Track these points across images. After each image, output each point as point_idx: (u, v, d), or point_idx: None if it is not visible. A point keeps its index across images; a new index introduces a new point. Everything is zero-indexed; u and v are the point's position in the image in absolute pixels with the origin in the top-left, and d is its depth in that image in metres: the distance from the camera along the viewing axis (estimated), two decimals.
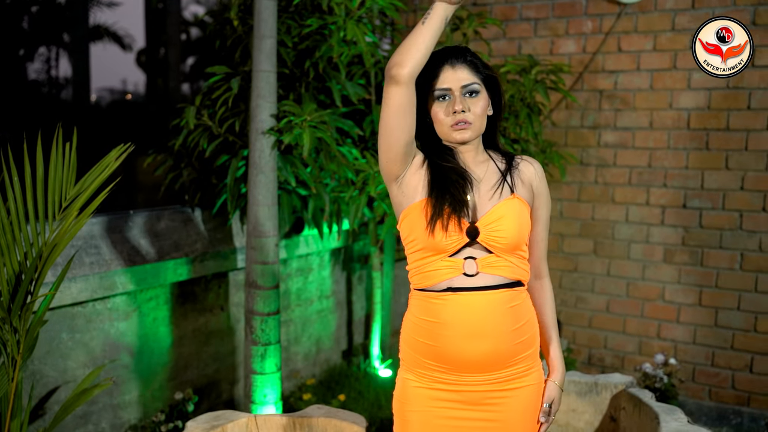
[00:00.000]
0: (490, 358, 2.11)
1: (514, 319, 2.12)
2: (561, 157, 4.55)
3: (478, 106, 2.13)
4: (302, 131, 3.49)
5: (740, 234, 4.62)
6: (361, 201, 3.92)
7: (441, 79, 2.12)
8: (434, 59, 2.13)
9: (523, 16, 5.24)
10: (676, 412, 2.93)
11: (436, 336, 2.12)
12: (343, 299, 5.11)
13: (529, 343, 2.18)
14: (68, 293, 3.32)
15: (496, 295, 2.10)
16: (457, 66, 2.12)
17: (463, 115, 2.10)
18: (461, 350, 2.10)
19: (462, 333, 2.09)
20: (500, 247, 2.10)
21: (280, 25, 3.82)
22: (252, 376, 3.70)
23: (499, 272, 2.11)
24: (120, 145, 2.82)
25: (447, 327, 2.10)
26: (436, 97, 2.13)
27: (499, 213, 2.11)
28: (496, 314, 2.10)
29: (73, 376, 3.44)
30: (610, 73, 4.98)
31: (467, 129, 2.12)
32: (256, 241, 3.63)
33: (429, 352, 2.14)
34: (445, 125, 2.13)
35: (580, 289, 5.18)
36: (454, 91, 2.11)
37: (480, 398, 2.14)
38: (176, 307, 3.95)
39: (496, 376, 2.14)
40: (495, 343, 2.10)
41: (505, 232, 2.09)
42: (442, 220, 2.08)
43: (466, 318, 2.10)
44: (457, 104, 2.10)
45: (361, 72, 4.34)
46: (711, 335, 4.76)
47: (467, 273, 2.10)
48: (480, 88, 2.13)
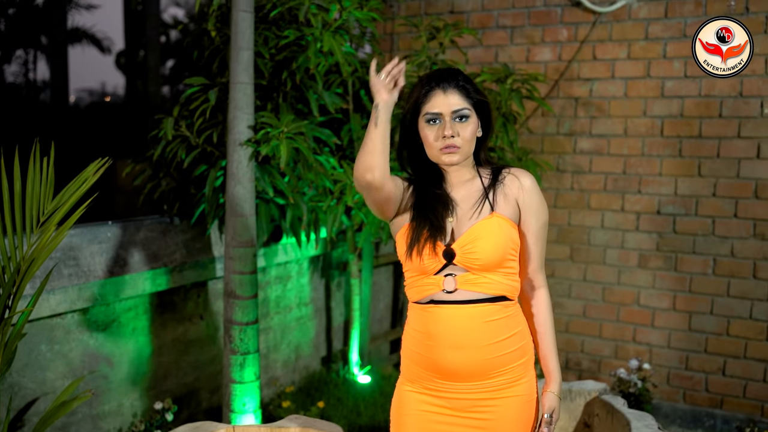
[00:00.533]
0: (472, 367, 2.19)
1: (495, 332, 2.18)
2: (537, 165, 4.60)
3: (468, 131, 2.18)
4: (279, 143, 3.52)
5: (713, 240, 4.70)
6: (338, 210, 3.96)
7: (432, 103, 2.17)
8: (427, 82, 2.20)
9: (499, 24, 5.29)
10: (647, 419, 2.99)
11: (425, 346, 2.23)
12: (322, 306, 5.15)
13: (516, 355, 2.24)
14: (47, 305, 3.33)
15: (474, 310, 2.18)
16: (449, 91, 2.17)
17: (452, 140, 2.16)
18: (445, 359, 2.20)
19: (444, 344, 2.19)
20: (476, 267, 2.17)
21: (257, 37, 3.84)
22: (231, 385, 3.73)
23: (478, 289, 2.18)
24: (98, 159, 2.84)
25: (431, 337, 2.21)
26: (427, 120, 2.18)
27: (475, 234, 2.17)
28: (475, 327, 2.17)
29: (52, 388, 3.45)
30: (585, 81, 5.04)
31: (455, 153, 2.17)
32: (235, 251, 3.65)
33: (421, 361, 2.25)
34: (434, 148, 2.19)
35: (557, 294, 5.24)
36: (445, 115, 2.16)
37: (468, 405, 2.23)
38: (155, 317, 3.96)
39: (483, 384, 2.21)
40: (475, 354, 2.18)
41: (480, 253, 2.15)
42: (418, 245, 2.18)
43: (446, 330, 2.19)
44: (447, 129, 2.15)
45: (338, 81, 4.38)
46: (685, 339, 4.84)
47: (446, 290, 2.18)
48: (470, 113, 2.18)
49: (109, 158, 2.84)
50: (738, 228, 4.63)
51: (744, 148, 4.58)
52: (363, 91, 4.61)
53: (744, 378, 4.68)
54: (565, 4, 5.06)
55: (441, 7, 5.45)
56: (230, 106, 3.58)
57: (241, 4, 3.50)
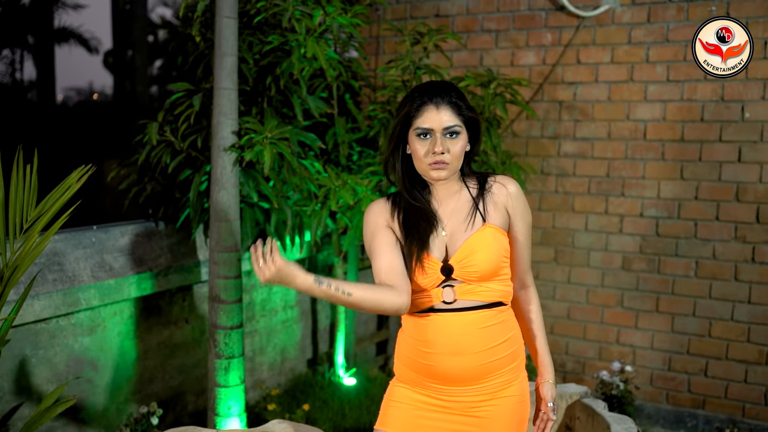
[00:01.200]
0: (469, 373, 2.24)
1: (490, 337, 2.24)
2: (520, 168, 4.64)
3: (457, 147, 2.20)
4: (263, 148, 3.54)
5: (695, 242, 4.75)
6: (322, 214, 3.98)
7: (424, 118, 2.19)
8: (420, 94, 2.22)
9: (484, 27, 5.32)
10: (627, 422, 3.03)
11: (423, 353, 2.27)
12: (308, 309, 5.17)
13: (510, 358, 2.30)
14: (31, 311, 3.34)
15: (470, 317, 2.23)
16: (441, 107, 2.19)
17: (442, 157, 2.18)
18: (444, 365, 2.25)
19: (443, 350, 2.24)
20: (474, 279, 2.22)
21: (242, 42, 3.86)
22: (216, 389, 3.75)
23: (476, 297, 2.24)
24: (81, 166, 2.86)
25: (430, 345, 2.25)
26: (417, 134, 2.20)
27: (471, 247, 2.22)
28: (472, 334, 2.23)
29: (36, 393, 3.46)
30: (569, 85, 5.08)
31: (444, 169, 2.20)
32: (219, 256, 3.67)
33: (417, 367, 2.30)
34: (424, 163, 2.21)
35: (542, 296, 5.27)
36: (436, 131, 2.18)
37: (465, 407, 2.29)
38: (141, 321, 3.98)
39: (480, 386, 2.27)
40: (471, 359, 2.23)
41: (478, 266, 2.21)
42: (412, 267, 2.23)
43: (445, 337, 2.24)
44: (437, 146, 2.17)
45: (323, 85, 4.40)
46: (668, 340, 4.89)
47: (445, 300, 2.23)
48: (461, 129, 2.21)
49: (92, 165, 2.85)
50: (720, 231, 4.68)
51: (725, 151, 4.63)
52: (348, 95, 4.64)
53: (725, 379, 4.73)
54: (549, 9, 5.09)
55: (426, 10, 5.48)
56: (214, 111, 3.60)
57: (224, 10, 3.51)
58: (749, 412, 4.67)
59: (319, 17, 3.86)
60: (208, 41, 3.99)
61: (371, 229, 2.29)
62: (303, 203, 4.15)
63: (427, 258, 2.22)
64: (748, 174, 4.57)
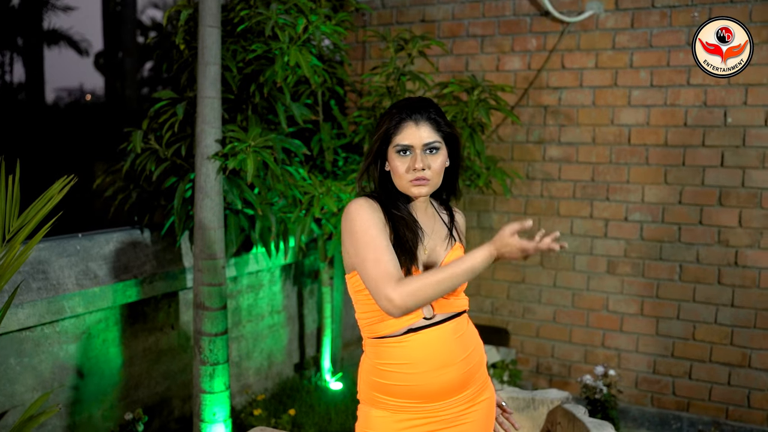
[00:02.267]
0: (456, 383, 2.25)
1: (466, 344, 2.28)
2: (505, 173, 4.66)
3: (437, 163, 2.21)
4: (246, 156, 3.56)
5: (679, 246, 4.78)
6: (306, 221, 4.00)
7: (403, 135, 2.19)
8: (398, 111, 2.22)
9: (470, 33, 5.35)
10: (606, 427, 3.05)
11: (407, 375, 2.20)
12: (295, 313, 5.19)
13: (481, 363, 2.36)
14: (15, 319, 3.36)
15: (448, 327, 2.25)
16: (420, 123, 2.19)
17: (422, 173, 2.18)
18: (431, 383, 2.22)
19: (429, 367, 2.21)
20: (452, 294, 2.26)
21: (225, 51, 3.88)
22: (201, 395, 3.76)
23: (449, 309, 2.27)
24: (63, 177, 2.87)
25: (415, 365, 2.20)
26: (397, 150, 2.20)
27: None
28: (452, 343, 2.25)
29: (21, 400, 3.47)
30: (554, 90, 5.11)
31: (425, 185, 2.20)
32: (204, 264, 3.69)
33: (397, 392, 2.22)
34: (404, 180, 2.20)
35: (528, 300, 5.31)
36: (416, 148, 2.18)
37: (453, 417, 2.29)
38: (126, 328, 3.99)
39: (463, 395, 2.29)
40: (457, 369, 2.24)
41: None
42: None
43: (430, 353, 2.21)
44: (417, 162, 2.17)
45: (308, 92, 4.42)
46: (652, 344, 4.92)
47: (426, 316, 2.22)
48: (440, 145, 2.21)
49: (75, 175, 2.86)
50: (703, 235, 4.71)
51: (708, 156, 4.66)
52: (333, 101, 4.66)
53: (709, 381, 4.76)
54: (534, 14, 5.12)
55: (412, 16, 5.50)
56: (198, 120, 3.62)
57: (207, 19, 3.53)
58: (733, 414, 4.71)
59: (302, 26, 3.88)
60: (192, 49, 4.01)
61: (375, 222, 2.17)
62: (288, 210, 4.17)
63: (415, 272, 2.20)
64: (731, 178, 4.60)
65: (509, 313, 5.38)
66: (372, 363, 2.27)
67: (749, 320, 4.62)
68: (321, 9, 4.02)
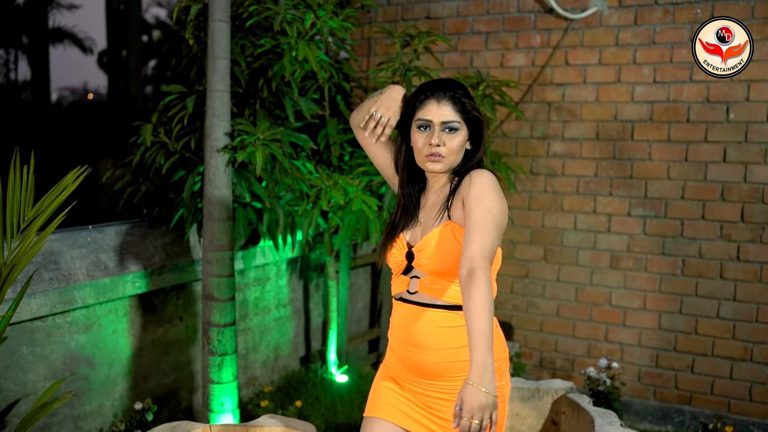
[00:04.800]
0: (425, 367, 2.32)
1: (448, 338, 2.28)
2: (509, 168, 4.71)
3: (455, 142, 2.26)
4: (255, 149, 3.61)
5: (681, 241, 4.83)
6: (313, 214, 4.05)
7: (424, 111, 2.28)
8: (424, 89, 2.31)
9: (474, 29, 5.39)
10: (610, 416, 3.10)
11: (392, 337, 2.42)
12: (301, 307, 5.24)
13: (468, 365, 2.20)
14: (28, 309, 3.41)
15: (429, 313, 2.30)
16: (442, 102, 2.27)
17: (437, 149, 2.25)
18: (403, 353, 2.37)
19: (402, 339, 2.36)
20: (429, 271, 2.30)
21: (234, 45, 3.93)
22: (209, 385, 3.81)
23: (436, 294, 2.30)
24: (78, 167, 2.92)
25: (395, 329, 2.40)
26: (418, 126, 2.29)
27: (427, 242, 2.30)
28: (428, 330, 2.30)
29: (33, 389, 3.53)
30: (558, 86, 5.15)
31: (439, 162, 2.27)
32: (212, 255, 3.74)
33: (392, 350, 2.44)
34: (421, 154, 2.30)
35: (531, 294, 5.36)
36: (435, 124, 2.26)
37: (424, 401, 2.36)
38: (135, 319, 4.04)
39: (438, 385, 2.33)
40: (430, 355, 2.30)
41: (429, 260, 2.29)
42: (385, 244, 2.39)
43: (404, 326, 2.35)
44: (434, 138, 2.25)
45: (315, 87, 4.47)
46: (655, 338, 4.96)
47: (409, 290, 2.34)
48: (460, 126, 2.27)
49: (88, 166, 2.91)
50: (705, 230, 4.76)
51: (711, 152, 4.71)
52: (339, 96, 4.70)
53: (711, 375, 4.81)
54: (538, 11, 5.17)
55: (417, 12, 5.55)
56: (207, 113, 3.66)
57: (217, 14, 3.58)
58: (734, 407, 4.75)
59: (310, 21, 3.93)
60: (202, 44, 4.05)
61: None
62: (295, 203, 4.22)
63: (397, 241, 2.37)
64: (733, 174, 4.65)
65: (513, 307, 5.43)
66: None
67: (751, 314, 4.66)
68: (328, 5, 4.07)
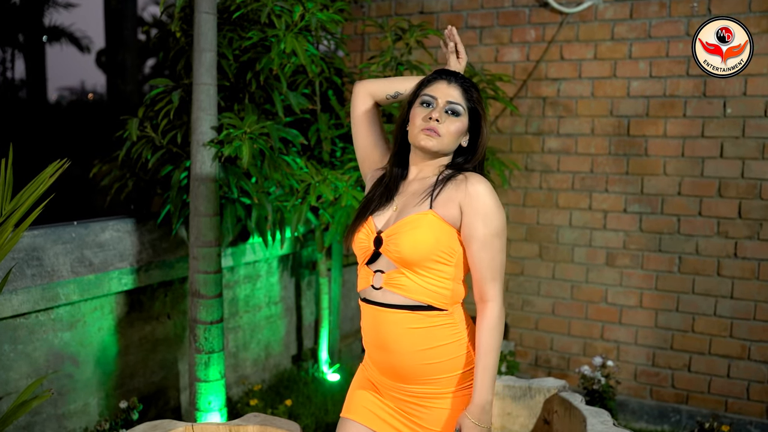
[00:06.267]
0: (397, 371, 2.24)
1: (417, 340, 2.18)
2: (503, 164, 4.64)
3: (454, 126, 2.20)
4: (242, 143, 3.54)
5: (678, 238, 4.76)
6: (302, 210, 3.98)
7: (432, 88, 2.24)
8: (435, 73, 2.29)
9: (468, 24, 5.33)
10: (603, 415, 3.03)
11: (364, 340, 2.35)
12: (292, 305, 5.17)
13: (442, 368, 2.21)
14: (9, 305, 3.34)
15: (396, 315, 2.18)
16: (452, 84, 2.23)
17: (436, 124, 2.18)
18: (374, 356, 2.30)
19: (371, 342, 2.28)
20: (399, 260, 2.16)
21: (222, 38, 3.87)
22: (196, 383, 3.75)
23: (401, 291, 2.17)
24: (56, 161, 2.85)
25: (364, 332, 2.33)
26: (421, 102, 2.23)
27: (402, 226, 2.17)
28: (395, 332, 2.19)
29: (15, 388, 3.46)
30: (553, 81, 5.09)
31: (433, 138, 2.19)
32: (199, 251, 3.67)
33: (366, 352, 2.38)
34: (416, 127, 2.22)
35: (527, 292, 5.29)
36: (439, 101, 2.21)
37: (399, 404, 2.29)
38: (122, 316, 3.98)
39: (411, 389, 2.25)
40: (398, 358, 2.21)
41: (401, 245, 2.14)
42: (353, 226, 2.28)
43: (371, 329, 2.26)
44: (435, 113, 2.19)
45: (305, 81, 4.40)
46: (651, 336, 4.90)
47: (374, 285, 2.22)
48: (463, 112, 2.21)
49: (67, 159, 2.85)
50: (702, 226, 4.69)
51: (708, 147, 4.64)
52: (331, 91, 4.64)
53: (708, 374, 4.74)
54: (533, 5, 5.10)
55: (411, 7, 5.49)
56: (193, 107, 3.60)
57: (203, 5, 3.52)
58: (732, 406, 4.68)
59: (298, 13, 3.86)
60: (189, 37, 3.99)
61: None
62: (284, 199, 4.16)
63: (365, 225, 2.25)
64: (730, 169, 4.58)
65: (508, 305, 5.36)
66: None
67: (749, 312, 4.60)
68: None
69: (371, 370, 2.35)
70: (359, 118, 2.45)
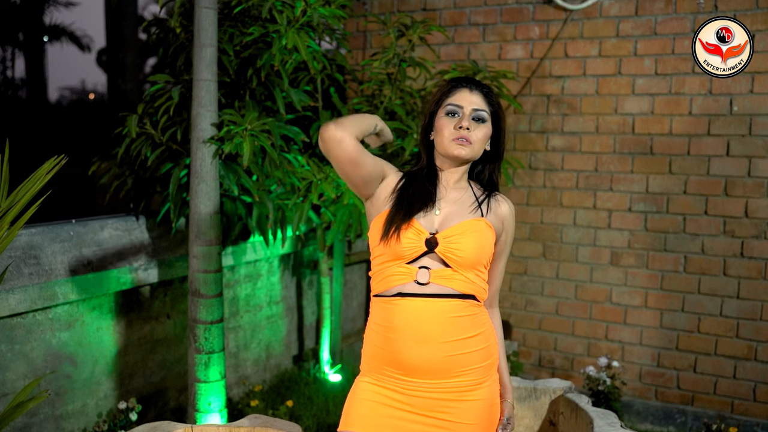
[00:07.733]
0: (435, 364, 2.19)
1: (461, 328, 2.20)
2: (507, 163, 4.59)
3: (481, 132, 2.28)
4: (242, 140, 3.49)
5: (684, 237, 4.71)
6: (304, 208, 3.93)
7: (456, 97, 2.29)
8: (454, 81, 2.33)
9: (471, 21, 5.28)
10: (610, 417, 2.98)
11: (388, 340, 2.22)
12: (293, 305, 5.12)
13: (481, 355, 2.26)
14: (6, 305, 3.29)
15: (442, 304, 2.19)
16: (474, 91, 2.30)
17: (467, 133, 2.24)
18: (409, 354, 2.19)
19: (409, 337, 2.18)
20: (457, 261, 2.20)
21: (222, 34, 3.81)
22: (196, 384, 3.69)
23: (451, 285, 2.21)
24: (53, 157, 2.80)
25: (396, 331, 2.20)
26: (447, 112, 2.28)
27: (462, 229, 2.22)
28: (441, 322, 2.18)
29: (12, 388, 3.41)
30: (557, 78, 5.03)
31: (465, 146, 2.25)
32: (199, 250, 3.62)
33: (383, 357, 2.24)
34: (447, 138, 2.27)
35: (530, 292, 5.24)
36: (465, 110, 2.27)
37: (429, 405, 2.21)
38: (121, 316, 3.93)
39: (445, 384, 2.21)
40: (439, 349, 2.18)
41: (464, 247, 2.19)
42: (398, 227, 2.20)
43: (412, 323, 2.19)
44: (464, 121, 2.25)
45: (307, 78, 4.35)
46: (656, 336, 4.84)
47: (419, 281, 2.20)
48: (487, 117, 2.29)
49: (64, 156, 2.80)
50: (708, 225, 4.64)
51: (714, 145, 4.59)
52: (333, 88, 4.59)
53: (714, 375, 4.69)
54: (537, 2, 5.05)
55: (414, 4, 5.43)
56: (193, 103, 3.55)
57: (204, 0, 3.46)
58: (738, 407, 4.63)
59: (300, 8, 3.81)
60: (189, 32, 3.94)
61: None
62: (285, 197, 4.10)
63: (409, 227, 2.19)
64: (737, 168, 4.53)
65: (511, 305, 5.31)
66: (370, 322, 2.33)
67: (755, 312, 4.54)
68: None
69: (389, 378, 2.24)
70: (355, 154, 2.18)
